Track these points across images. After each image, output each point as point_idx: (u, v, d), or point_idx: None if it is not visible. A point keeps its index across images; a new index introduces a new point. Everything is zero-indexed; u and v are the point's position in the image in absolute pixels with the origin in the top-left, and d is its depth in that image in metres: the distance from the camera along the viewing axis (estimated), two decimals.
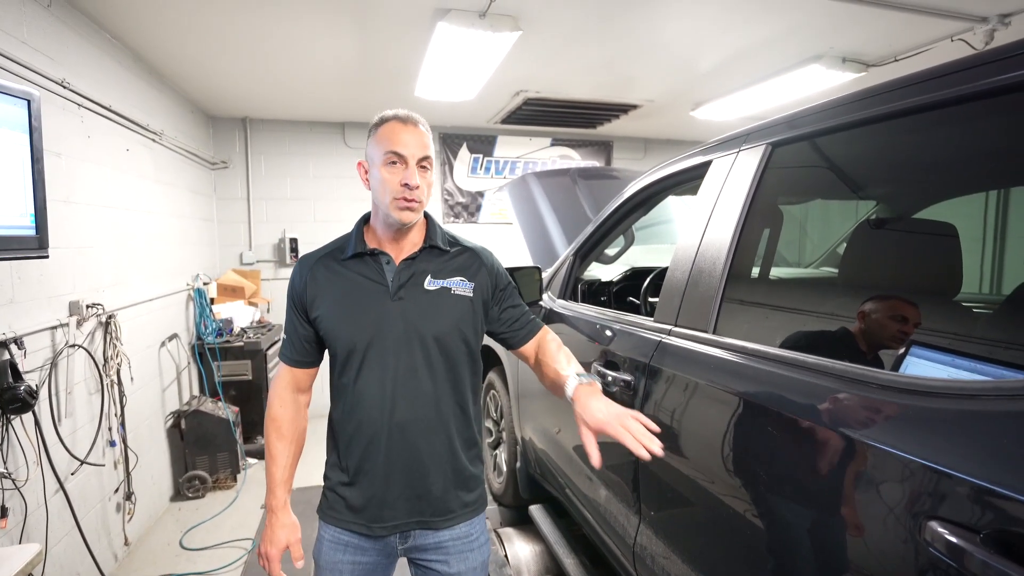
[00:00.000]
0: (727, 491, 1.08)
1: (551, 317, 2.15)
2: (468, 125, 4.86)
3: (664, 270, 2.27)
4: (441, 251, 1.24)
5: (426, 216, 1.28)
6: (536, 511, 2.39)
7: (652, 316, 1.55)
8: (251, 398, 3.86)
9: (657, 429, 1.04)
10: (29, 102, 1.56)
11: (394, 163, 1.15)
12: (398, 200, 1.14)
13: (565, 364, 1.23)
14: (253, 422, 3.87)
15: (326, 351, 1.27)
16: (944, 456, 0.69)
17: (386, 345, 1.17)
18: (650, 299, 2.15)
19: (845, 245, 1.57)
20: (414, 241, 1.23)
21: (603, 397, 1.12)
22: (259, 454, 3.84)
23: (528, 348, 1.33)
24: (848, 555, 0.81)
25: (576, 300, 2.18)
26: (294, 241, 4.58)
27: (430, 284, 1.20)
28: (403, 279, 1.19)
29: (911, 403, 0.76)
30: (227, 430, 3.42)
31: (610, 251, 2.32)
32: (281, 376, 1.29)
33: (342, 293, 1.20)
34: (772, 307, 1.30)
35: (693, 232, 1.40)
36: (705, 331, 1.24)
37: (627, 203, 1.92)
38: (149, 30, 2.67)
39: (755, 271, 1.38)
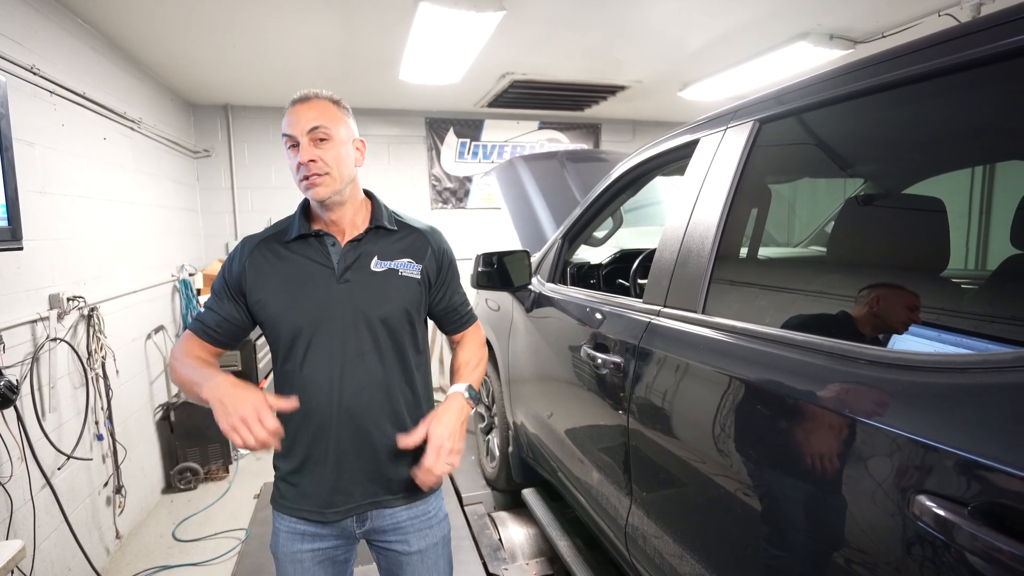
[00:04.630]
0: (717, 470, 1.08)
1: (540, 301, 2.14)
2: (454, 109, 4.79)
3: (653, 252, 2.28)
4: (388, 231, 1.23)
5: (371, 197, 1.27)
6: (529, 495, 2.40)
7: (641, 298, 1.55)
8: None
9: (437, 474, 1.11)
10: None
11: (291, 146, 1.14)
12: (302, 181, 1.13)
13: (469, 371, 1.29)
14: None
15: (241, 340, 1.23)
16: (932, 430, 0.69)
17: (333, 329, 1.15)
18: (639, 281, 2.15)
19: (833, 223, 1.56)
20: (359, 222, 1.21)
21: (456, 416, 1.17)
22: None
23: (456, 337, 1.37)
24: (837, 531, 0.82)
25: (565, 283, 2.17)
26: None
27: (377, 265, 1.18)
28: (349, 261, 1.17)
29: (900, 378, 0.75)
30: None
31: (599, 233, 2.31)
32: (185, 343, 1.19)
33: (286, 277, 1.17)
34: (761, 287, 1.29)
35: (681, 212, 1.38)
36: (694, 311, 1.23)
37: (614, 184, 1.91)
38: (123, 15, 2.58)
39: (744, 251, 1.38)
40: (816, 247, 2.32)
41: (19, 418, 1.96)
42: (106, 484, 2.62)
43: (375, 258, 1.18)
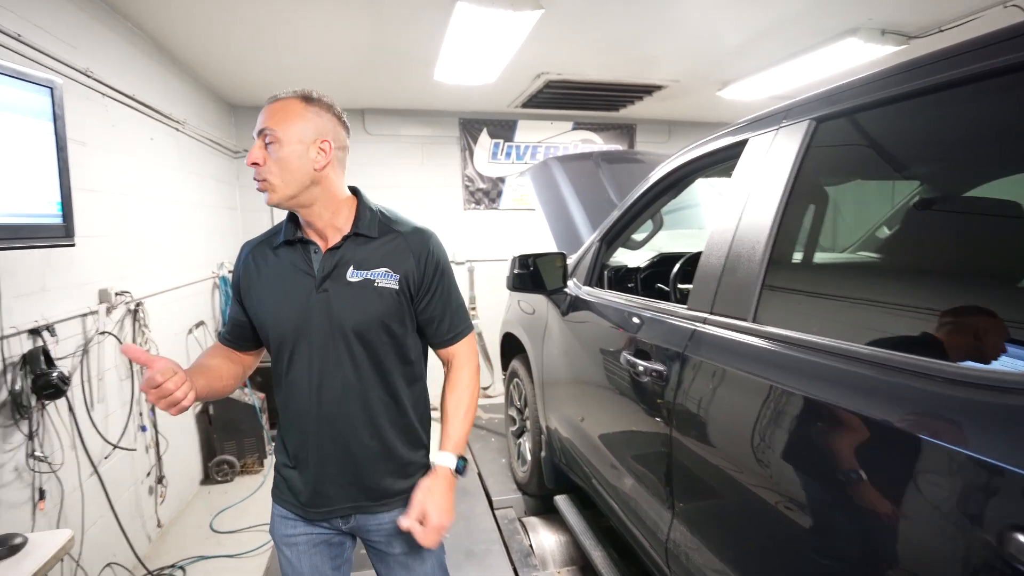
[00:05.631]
0: (769, 489, 1.03)
1: (577, 304, 2.11)
2: (488, 110, 4.78)
3: (694, 256, 2.21)
4: (368, 239, 1.16)
5: (358, 197, 1.21)
6: (562, 501, 2.36)
7: (683, 303, 1.50)
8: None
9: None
10: (52, 90, 1.56)
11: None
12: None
13: (458, 424, 1.21)
14: (278, 409, 3.91)
15: (255, 341, 1.26)
16: (1019, 456, 0.63)
17: (312, 338, 1.14)
18: (680, 286, 2.09)
19: (890, 227, 1.48)
20: (341, 225, 1.16)
21: (448, 494, 1.16)
22: None
23: (443, 355, 1.28)
24: (903, 562, 0.76)
25: (602, 287, 2.13)
26: None
27: (352, 275, 1.13)
28: (327, 270, 1.14)
29: (980, 399, 0.70)
30: (253, 416, 3.46)
31: (637, 236, 2.26)
32: (210, 348, 1.30)
33: (272, 283, 1.17)
34: (819, 295, 1.23)
35: (729, 216, 1.33)
36: (744, 319, 1.18)
37: (656, 186, 1.86)
38: (170, 18, 2.66)
39: (799, 256, 1.31)
40: (865, 252, 2.22)
41: (70, 408, 2.03)
42: (149, 474, 2.70)
43: (351, 267, 1.14)
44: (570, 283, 2.20)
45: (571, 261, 2.26)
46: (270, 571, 2.42)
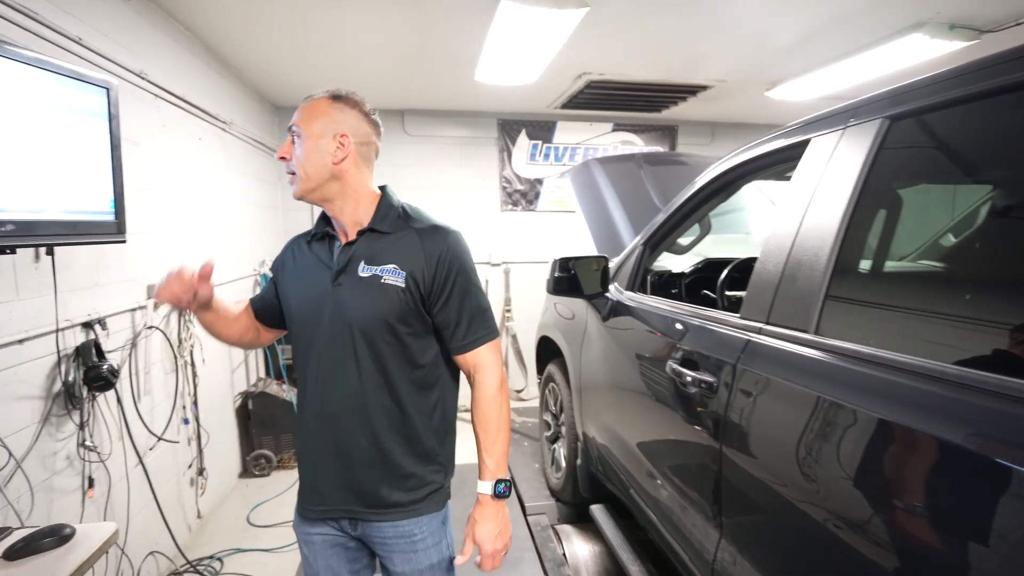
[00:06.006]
0: (831, 515, 0.95)
1: (618, 309, 2.05)
2: (527, 111, 4.75)
3: (743, 262, 2.12)
4: (382, 234, 1.16)
5: (384, 193, 1.21)
6: (598, 511, 2.30)
7: (731, 311, 1.43)
8: None
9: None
10: (108, 90, 1.60)
11: None
12: None
13: (490, 443, 1.17)
14: None
15: (274, 320, 1.32)
16: None
17: (321, 333, 1.15)
18: (727, 293, 2.00)
19: (960, 233, 1.38)
20: (363, 221, 1.17)
21: (496, 521, 1.17)
22: None
23: (462, 363, 1.21)
24: None
25: (645, 292, 2.06)
26: None
27: (363, 271, 1.13)
28: (342, 264, 1.15)
29: None
30: (290, 412, 3.51)
31: (683, 240, 2.18)
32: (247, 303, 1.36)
33: (298, 275, 1.22)
34: (890, 307, 1.15)
35: (788, 220, 1.26)
36: (805, 331, 1.10)
37: (705, 189, 1.78)
38: (219, 20, 2.72)
39: (867, 264, 1.23)
40: (926, 260, 2.08)
41: (118, 400, 2.09)
42: (190, 466, 2.76)
43: (362, 262, 1.14)
44: (612, 288, 2.14)
45: (612, 265, 2.20)
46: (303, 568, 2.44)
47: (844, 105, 1.24)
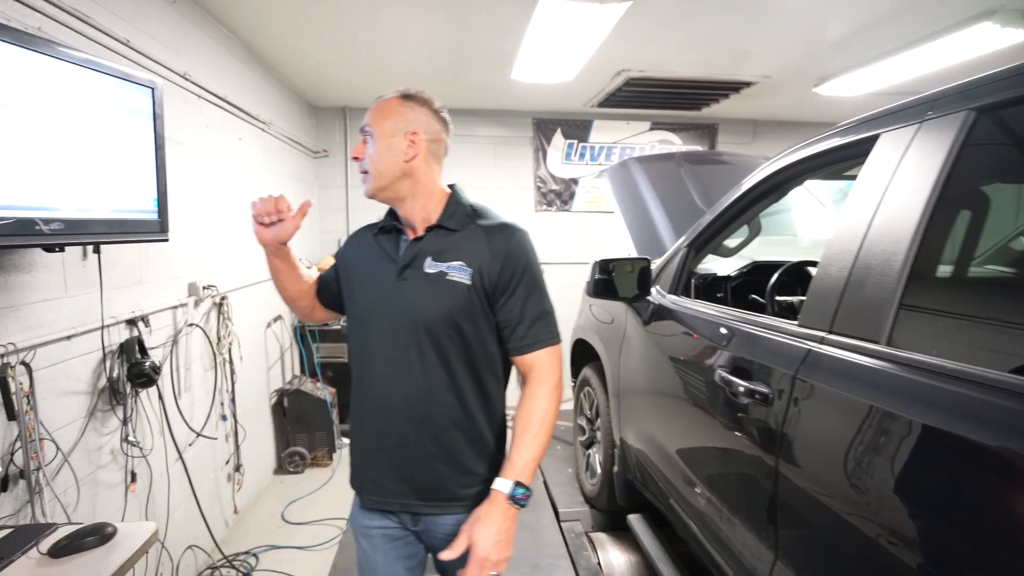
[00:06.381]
0: (904, 547, 0.87)
1: (661, 313, 1.97)
2: (563, 109, 4.69)
3: (795, 265, 2.02)
4: (449, 231, 1.16)
5: (453, 191, 1.23)
6: (636, 521, 2.23)
7: (782, 317, 1.34)
8: (347, 380, 3.97)
9: None
10: (153, 90, 1.61)
11: None
12: None
13: (525, 445, 1.10)
14: (348, 404, 3.99)
15: (334, 302, 1.35)
16: None
17: (384, 326, 1.15)
18: (777, 298, 1.91)
19: None
20: (432, 218, 1.18)
21: (500, 525, 1.06)
22: None
23: (519, 364, 1.18)
24: None
25: (689, 296, 1.98)
26: None
27: (429, 267, 1.14)
28: (408, 259, 1.16)
29: None
30: (324, 410, 3.54)
31: (730, 242, 2.09)
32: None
33: (363, 266, 1.23)
34: (974, 317, 1.05)
35: (854, 222, 1.17)
36: (875, 341, 1.02)
37: (757, 188, 1.70)
38: (260, 22, 2.75)
39: (948, 270, 1.13)
40: (993, 266, 1.94)
41: (160, 396, 2.12)
42: (227, 462, 2.80)
43: (429, 259, 1.14)
44: (654, 291, 2.07)
45: (654, 267, 2.12)
46: (337, 567, 2.44)
47: (919, 97, 1.15)
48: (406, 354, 1.13)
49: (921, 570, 0.84)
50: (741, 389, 1.32)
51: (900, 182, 1.09)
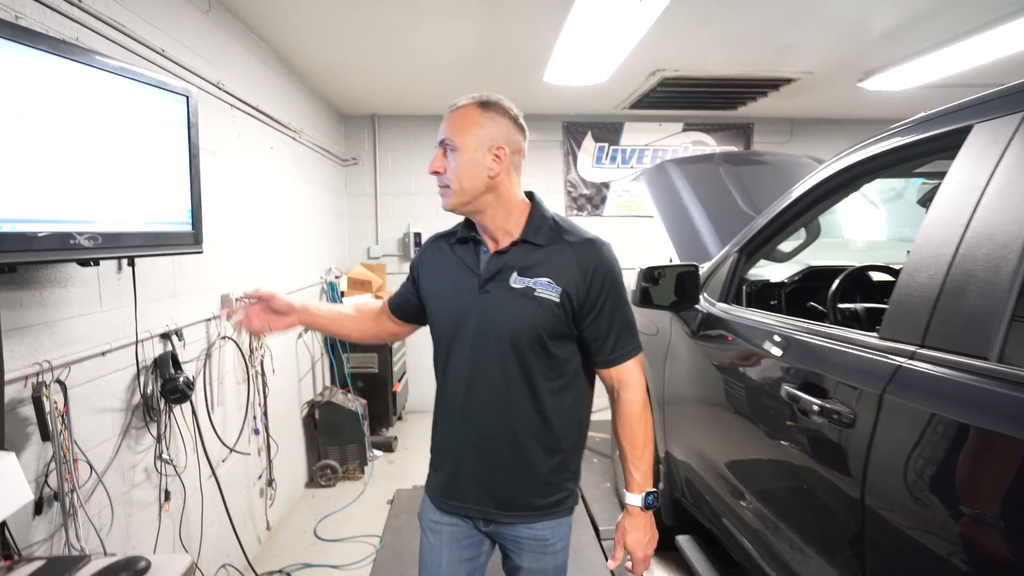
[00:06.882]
0: None
1: (710, 323, 1.86)
2: (594, 112, 4.60)
3: (857, 270, 1.89)
4: (535, 246, 1.15)
5: (533, 202, 1.20)
6: (686, 543, 2.10)
7: (844, 326, 1.22)
8: (377, 391, 3.95)
9: None
10: (187, 98, 1.58)
11: None
12: None
13: (637, 458, 1.19)
14: (379, 415, 3.96)
15: (420, 317, 1.34)
16: None
17: (468, 337, 1.16)
18: (839, 305, 1.78)
19: None
20: (512, 230, 1.17)
21: (645, 531, 1.20)
22: (385, 446, 3.91)
23: (605, 377, 1.22)
24: None
25: (740, 304, 1.86)
26: (418, 236, 4.62)
27: (515, 282, 1.13)
28: (491, 272, 1.15)
29: None
30: (356, 422, 3.49)
31: (784, 247, 1.96)
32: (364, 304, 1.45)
33: (443, 277, 1.23)
34: None
35: (946, 224, 1.05)
36: (983, 358, 0.90)
37: (817, 189, 1.58)
38: (292, 31, 2.73)
39: None
40: None
41: (193, 411, 2.08)
42: (260, 477, 2.76)
43: (515, 273, 1.14)
44: (702, 299, 1.95)
45: (702, 274, 2.01)
46: None
47: (1020, 83, 1.03)
48: (489, 366, 1.14)
49: None
50: (815, 408, 1.21)
51: (1003, 178, 0.97)
